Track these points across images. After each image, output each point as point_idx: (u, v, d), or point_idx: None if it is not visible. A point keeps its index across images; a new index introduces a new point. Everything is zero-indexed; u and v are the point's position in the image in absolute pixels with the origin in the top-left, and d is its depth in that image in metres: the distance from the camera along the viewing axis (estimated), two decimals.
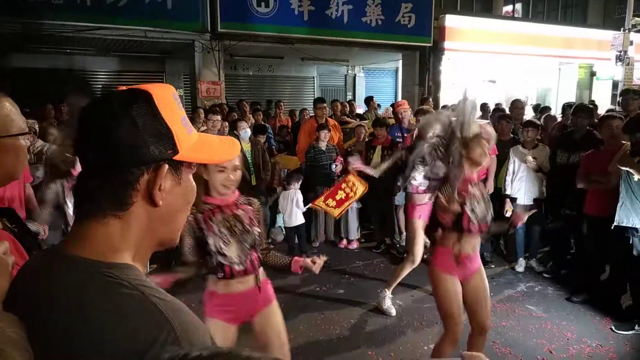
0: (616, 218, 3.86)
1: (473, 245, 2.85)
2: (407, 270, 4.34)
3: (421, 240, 4.28)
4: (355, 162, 4.55)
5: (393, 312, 4.24)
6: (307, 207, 5.57)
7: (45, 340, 0.71)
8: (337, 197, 5.24)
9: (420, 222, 4.29)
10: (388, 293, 4.33)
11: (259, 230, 2.41)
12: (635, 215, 3.75)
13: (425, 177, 3.32)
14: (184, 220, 0.88)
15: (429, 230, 2.95)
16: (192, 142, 0.84)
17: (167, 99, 0.81)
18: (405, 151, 4.23)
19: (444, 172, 2.78)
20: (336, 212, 5.38)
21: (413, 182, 4.26)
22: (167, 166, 0.80)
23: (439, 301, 2.88)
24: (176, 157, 0.81)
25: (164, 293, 0.76)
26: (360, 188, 5.32)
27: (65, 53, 10.22)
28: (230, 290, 2.36)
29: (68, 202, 3.72)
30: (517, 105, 6.37)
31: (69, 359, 0.69)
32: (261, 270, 2.47)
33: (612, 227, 3.87)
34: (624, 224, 3.82)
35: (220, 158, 0.96)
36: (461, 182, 2.73)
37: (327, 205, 5.32)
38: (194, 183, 0.88)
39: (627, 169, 3.66)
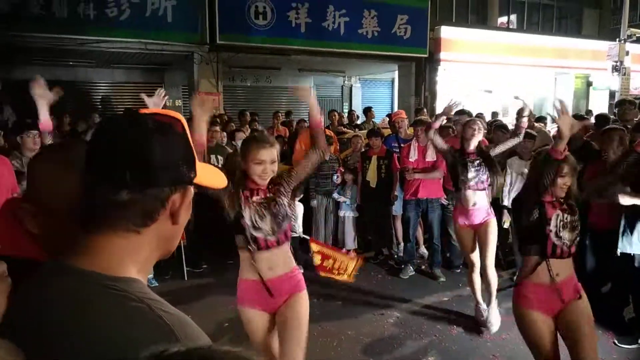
0: (619, 245, 3.74)
1: (563, 269, 2.66)
2: (476, 279, 4.23)
3: (473, 248, 4.18)
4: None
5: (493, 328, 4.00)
6: (305, 236, 5.53)
7: (53, 355, 0.71)
8: (324, 264, 5.10)
9: (469, 231, 4.17)
10: (483, 305, 4.19)
11: (288, 201, 2.62)
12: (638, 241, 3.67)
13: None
14: (180, 235, 0.93)
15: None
16: (200, 167, 0.90)
17: (186, 126, 0.87)
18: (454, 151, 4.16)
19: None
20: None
21: (464, 179, 4.06)
22: (192, 187, 0.86)
23: (530, 344, 2.73)
24: (195, 180, 0.87)
25: (169, 306, 0.78)
26: (351, 265, 5.20)
27: (68, 65, 10.29)
28: (258, 278, 2.53)
29: None
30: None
31: None
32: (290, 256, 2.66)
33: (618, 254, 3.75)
34: (627, 251, 3.71)
35: (216, 184, 1.01)
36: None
37: (314, 256, 5.22)
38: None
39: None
